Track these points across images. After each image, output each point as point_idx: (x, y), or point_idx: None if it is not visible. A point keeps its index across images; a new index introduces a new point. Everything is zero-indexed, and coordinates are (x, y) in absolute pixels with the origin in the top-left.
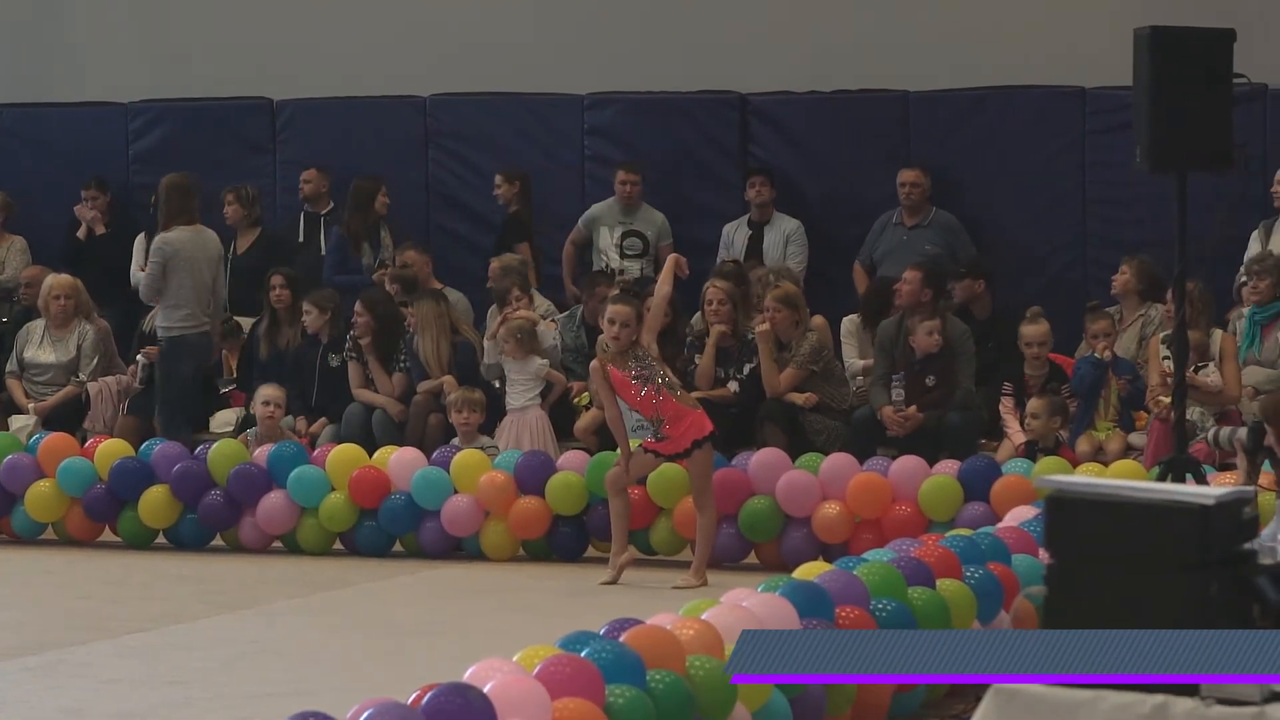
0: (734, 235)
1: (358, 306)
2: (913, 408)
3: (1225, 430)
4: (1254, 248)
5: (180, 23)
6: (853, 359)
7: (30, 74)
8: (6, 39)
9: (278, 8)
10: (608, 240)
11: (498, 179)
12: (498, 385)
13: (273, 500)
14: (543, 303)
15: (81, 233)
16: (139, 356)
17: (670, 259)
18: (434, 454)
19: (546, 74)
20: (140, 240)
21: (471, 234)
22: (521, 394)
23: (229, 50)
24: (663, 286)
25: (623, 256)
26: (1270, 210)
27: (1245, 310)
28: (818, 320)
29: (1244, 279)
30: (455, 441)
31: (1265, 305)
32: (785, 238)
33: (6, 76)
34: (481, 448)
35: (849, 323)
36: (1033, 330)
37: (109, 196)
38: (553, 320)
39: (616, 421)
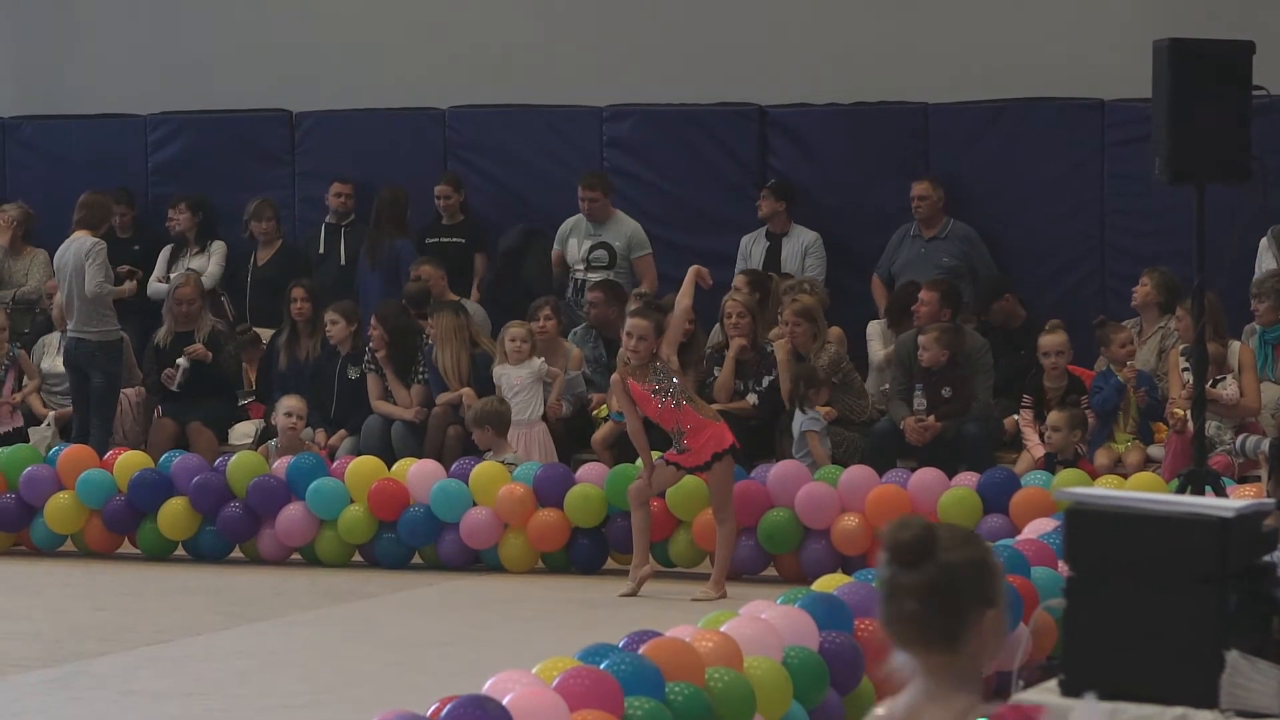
0: (751, 247)
1: (372, 320)
2: (930, 417)
3: (1253, 439)
4: (1264, 255)
5: (199, 35)
6: (878, 353)
7: (48, 86)
8: (24, 51)
9: (297, 20)
10: (575, 253)
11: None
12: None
13: (292, 512)
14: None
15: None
16: (179, 360)
17: (691, 271)
18: (453, 466)
19: (565, 86)
20: (165, 253)
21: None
22: (524, 405)
23: (248, 62)
24: (683, 299)
25: (588, 268)
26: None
27: (1256, 328)
28: (835, 332)
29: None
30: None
31: (1272, 326)
32: (804, 249)
33: (24, 89)
34: (502, 460)
35: (875, 325)
36: (1049, 340)
37: (135, 211)
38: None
39: (638, 434)
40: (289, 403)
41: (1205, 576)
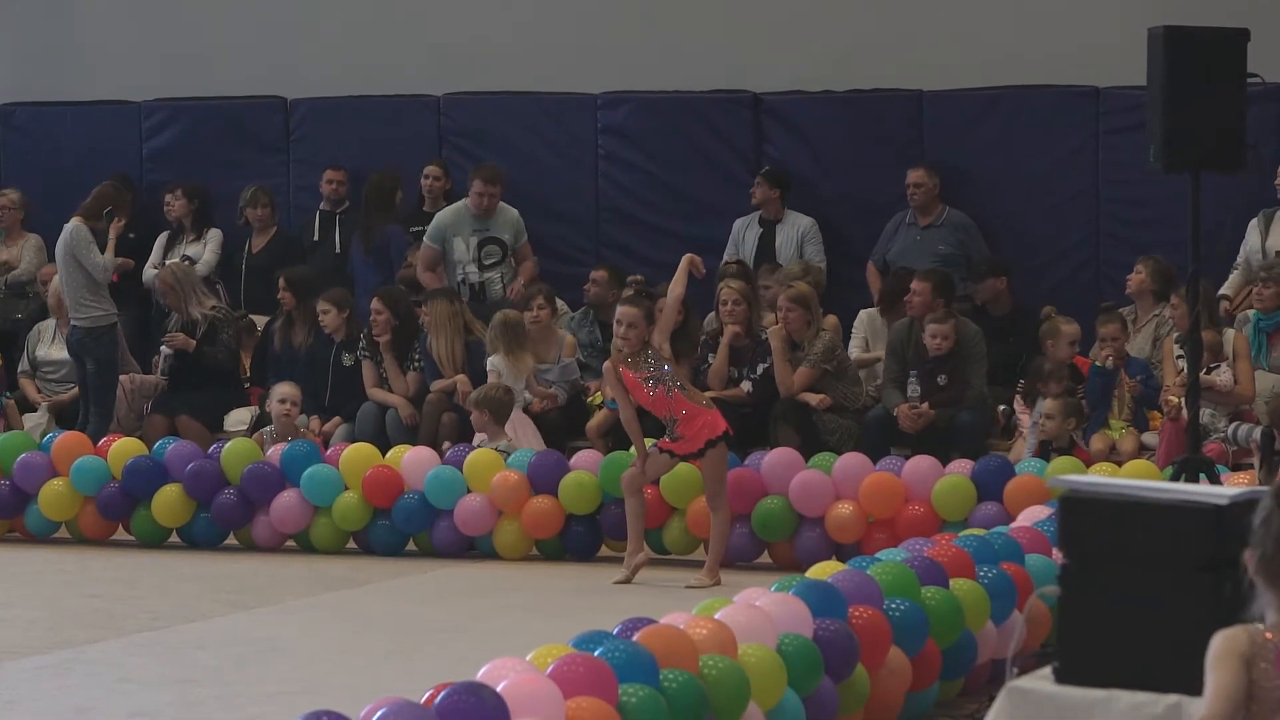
0: (744, 233)
1: (376, 304)
2: (924, 404)
3: (1244, 428)
4: (1252, 238)
5: (194, 21)
6: (858, 353)
7: (43, 73)
8: (19, 38)
9: (291, 7)
10: (464, 251)
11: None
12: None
13: (286, 499)
14: (563, 305)
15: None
16: (162, 346)
17: (685, 260)
18: (447, 453)
19: (560, 73)
20: (161, 239)
21: None
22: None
23: (243, 49)
24: (675, 287)
25: (482, 268)
26: (1272, 201)
27: (1250, 314)
28: (830, 320)
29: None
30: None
31: (1271, 313)
32: (800, 236)
33: (20, 75)
34: (496, 447)
35: (864, 315)
36: (1071, 329)
37: (132, 194)
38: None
39: (631, 422)
40: (283, 389)
41: (1199, 564)
